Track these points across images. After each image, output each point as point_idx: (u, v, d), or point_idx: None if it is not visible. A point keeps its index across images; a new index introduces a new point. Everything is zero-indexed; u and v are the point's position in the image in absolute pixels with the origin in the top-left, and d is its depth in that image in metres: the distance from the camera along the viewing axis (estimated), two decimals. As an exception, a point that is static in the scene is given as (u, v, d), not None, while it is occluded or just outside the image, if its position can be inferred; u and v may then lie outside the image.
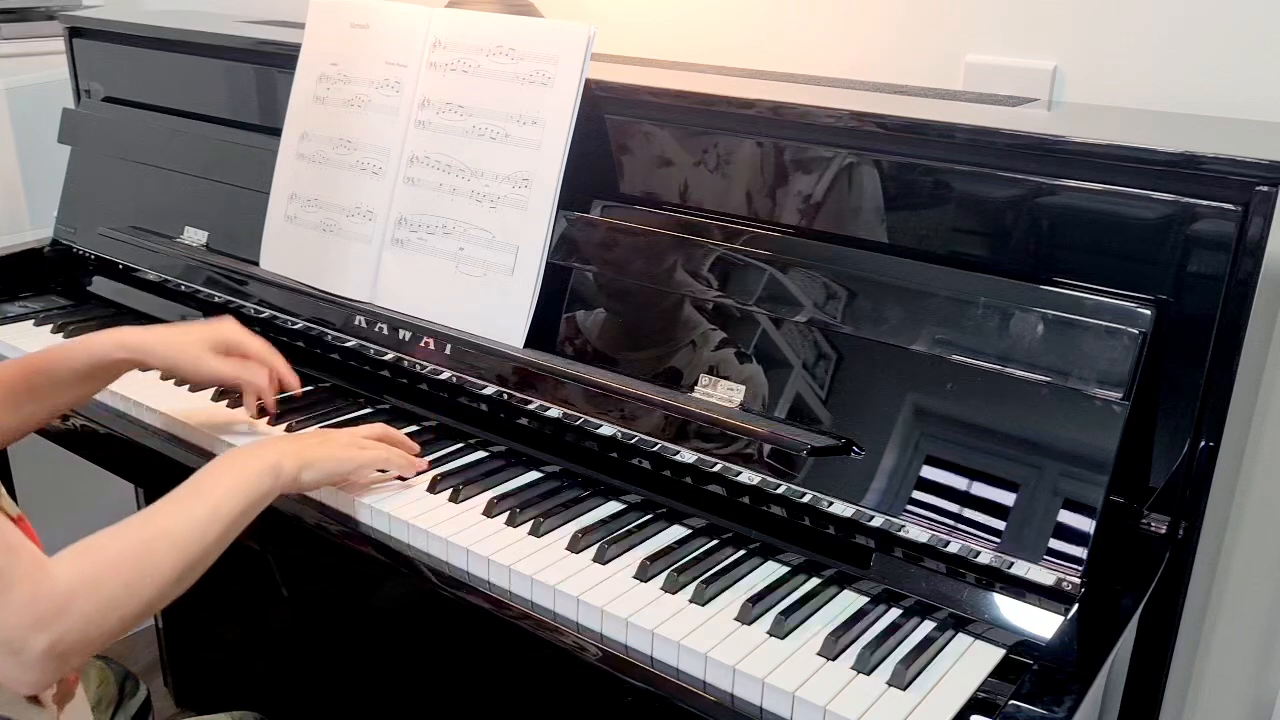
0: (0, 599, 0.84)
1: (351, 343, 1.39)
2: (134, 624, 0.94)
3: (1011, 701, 0.83)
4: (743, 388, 1.12)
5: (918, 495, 1.01)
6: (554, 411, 1.22)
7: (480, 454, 1.26)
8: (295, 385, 1.30)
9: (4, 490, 0.91)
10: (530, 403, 1.24)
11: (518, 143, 1.26)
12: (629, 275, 1.21)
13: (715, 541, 1.10)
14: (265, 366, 1.28)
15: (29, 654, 0.86)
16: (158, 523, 0.99)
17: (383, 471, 1.18)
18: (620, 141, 1.27)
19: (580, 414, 1.20)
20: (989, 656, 0.94)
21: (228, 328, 1.28)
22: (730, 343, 1.14)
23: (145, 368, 1.26)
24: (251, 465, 1.06)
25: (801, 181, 1.16)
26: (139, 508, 2.09)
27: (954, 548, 0.99)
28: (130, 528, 0.97)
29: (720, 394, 1.13)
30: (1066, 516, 0.96)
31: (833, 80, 1.42)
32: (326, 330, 1.42)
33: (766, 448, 1.08)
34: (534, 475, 1.22)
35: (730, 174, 1.20)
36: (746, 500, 1.11)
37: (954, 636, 0.97)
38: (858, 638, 0.95)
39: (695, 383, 1.15)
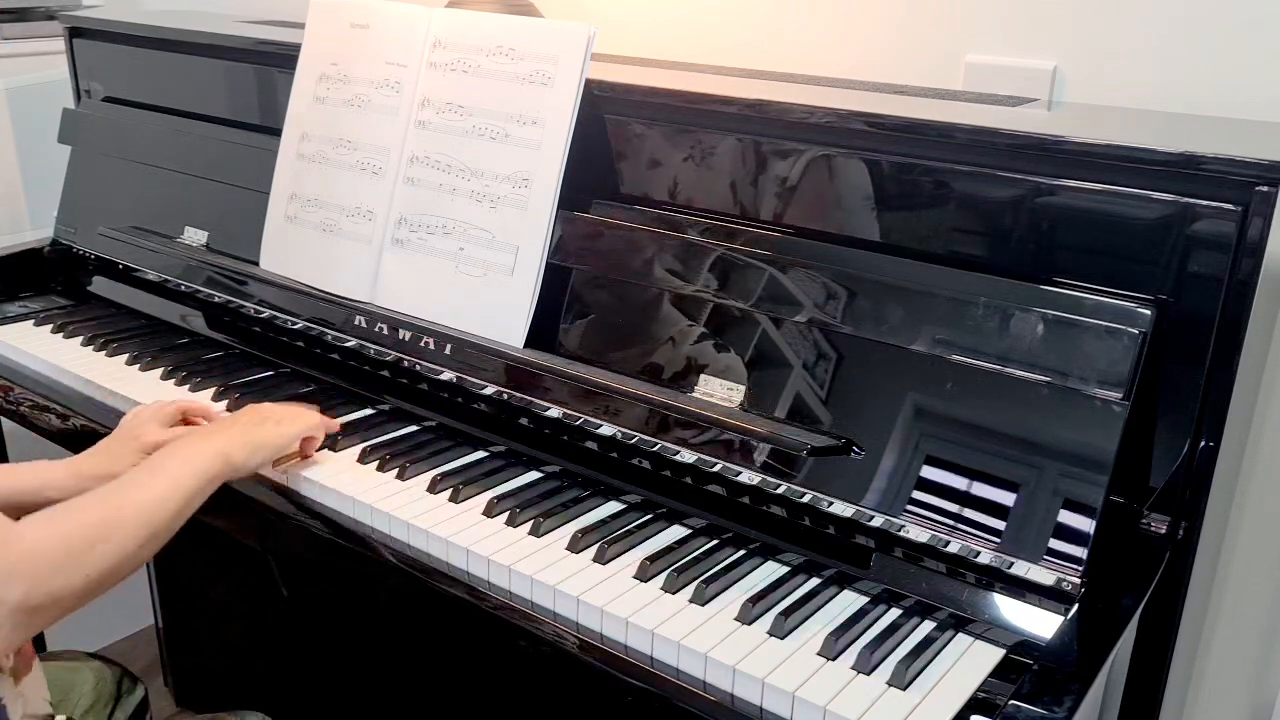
0: None
1: (351, 343, 1.39)
2: (100, 588, 0.98)
3: (1011, 701, 0.83)
4: (743, 388, 1.12)
5: (918, 495, 1.01)
6: (554, 411, 1.22)
7: (480, 454, 1.26)
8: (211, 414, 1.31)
9: None
10: (530, 403, 1.24)
11: (518, 143, 1.26)
12: (629, 275, 1.21)
13: (715, 541, 1.10)
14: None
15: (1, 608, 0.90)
16: (123, 493, 1.04)
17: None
18: (620, 141, 1.27)
19: (580, 414, 1.20)
20: (989, 656, 0.94)
21: (148, 415, 1.26)
22: (730, 343, 1.14)
23: None
24: (205, 449, 1.12)
25: (801, 181, 1.16)
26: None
27: (954, 548, 0.99)
28: (96, 497, 1.03)
29: (720, 394, 1.13)
30: (1066, 516, 0.96)
31: (833, 80, 1.42)
32: (326, 330, 1.42)
33: (766, 448, 1.08)
34: (534, 475, 1.22)
35: (730, 174, 1.20)
36: (746, 500, 1.11)
37: (954, 636, 0.97)
38: (858, 638, 0.95)
39: (695, 383, 1.15)
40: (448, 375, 1.30)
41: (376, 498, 1.15)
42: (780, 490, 1.08)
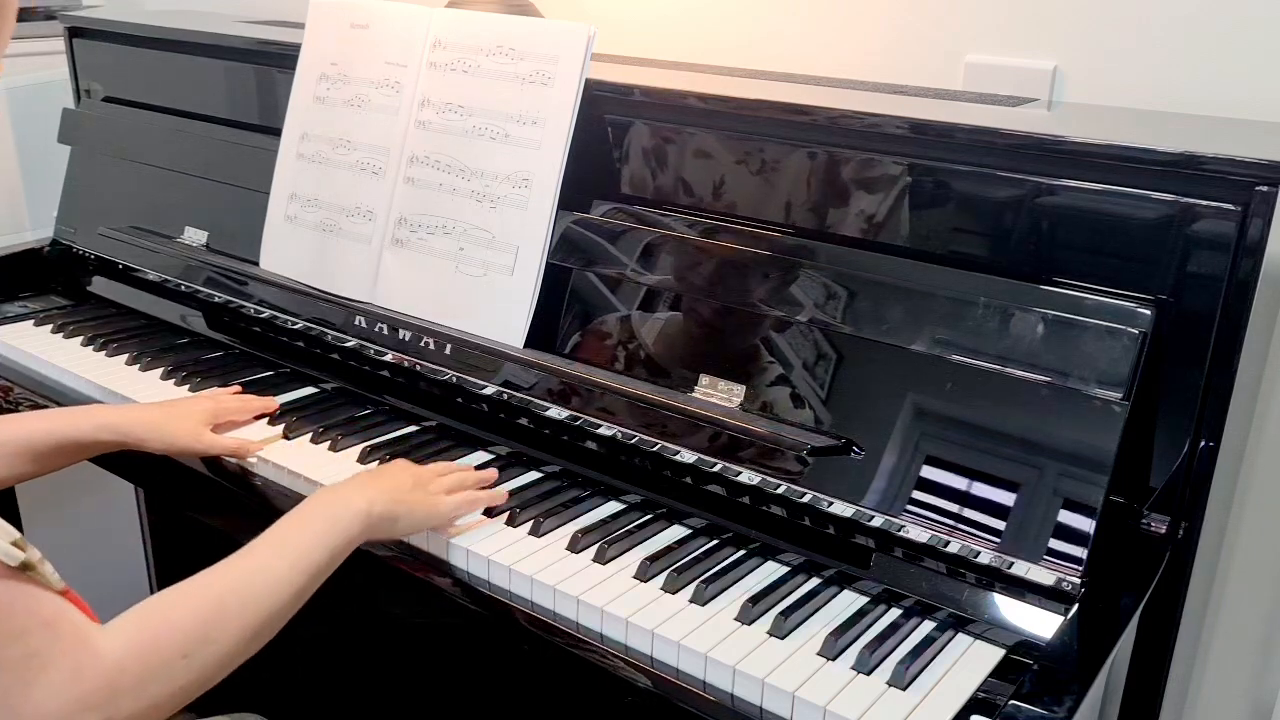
0: (37, 681, 0.76)
1: (351, 343, 1.39)
2: (196, 693, 0.88)
3: (1011, 701, 0.83)
4: (743, 388, 1.12)
5: (918, 495, 1.01)
6: (554, 411, 1.22)
7: (480, 454, 1.26)
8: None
9: (45, 560, 0.79)
10: (530, 402, 1.24)
11: (518, 143, 1.26)
12: (629, 275, 1.21)
13: (715, 541, 1.10)
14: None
15: None
16: (232, 578, 0.91)
17: None
18: (620, 141, 1.27)
19: (580, 414, 1.20)
20: (989, 656, 0.94)
21: (219, 404, 1.29)
22: (730, 342, 1.14)
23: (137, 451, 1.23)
24: (342, 511, 1.00)
25: (800, 181, 1.16)
26: (139, 507, 2.10)
27: (954, 548, 0.99)
28: (200, 585, 0.89)
29: (720, 394, 1.13)
30: (1066, 516, 0.96)
31: (833, 80, 1.42)
32: (326, 330, 1.42)
33: (766, 448, 1.08)
34: (534, 475, 1.22)
35: (729, 174, 1.20)
36: (746, 500, 1.11)
37: (954, 636, 0.97)
38: (858, 638, 0.95)
39: (695, 383, 1.15)
40: (447, 375, 1.30)
41: (376, 498, 1.15)
42: (780, 490, 1.08)
